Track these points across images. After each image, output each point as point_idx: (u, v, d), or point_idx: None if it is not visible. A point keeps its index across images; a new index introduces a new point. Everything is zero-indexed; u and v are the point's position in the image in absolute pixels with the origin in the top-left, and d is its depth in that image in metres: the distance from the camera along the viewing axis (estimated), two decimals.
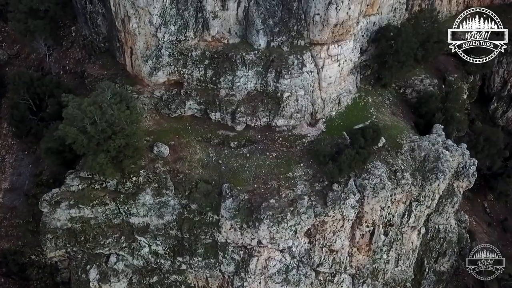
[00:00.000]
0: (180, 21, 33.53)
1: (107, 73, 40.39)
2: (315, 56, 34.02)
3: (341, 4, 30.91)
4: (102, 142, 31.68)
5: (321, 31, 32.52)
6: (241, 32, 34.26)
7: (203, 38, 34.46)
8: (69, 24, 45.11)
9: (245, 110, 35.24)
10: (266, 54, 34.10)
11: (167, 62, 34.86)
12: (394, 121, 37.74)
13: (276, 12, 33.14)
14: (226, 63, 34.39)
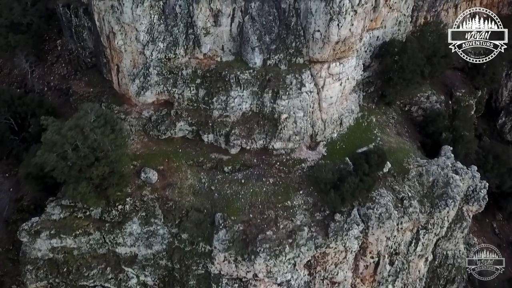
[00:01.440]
0: (169, 37, 31.11)
1: (93, 90, 37.89)
2: (315, 75, 31.61)
3: (343, 21, 28.52)
4: (84, 169, 29.15)
5: (322, 48, 30.12)
6: (235, 49, 31.84)
7: (195, 56, 32.04)
8: (55, 38, 42.69)
9: (240, 132, 32.77)
10: (262, 73, 31.68)
11: (155, 81, 32.41)
12: (399, 142, 35.29)
13: (273, 28, 30.75)
14: (219, 82, 31.96)
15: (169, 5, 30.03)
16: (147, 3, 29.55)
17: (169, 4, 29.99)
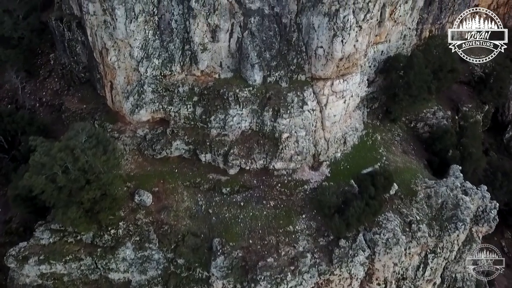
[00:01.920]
0: (164, 54, 29.69)
1: (86, 107, 36.41)
2: (318, 93, 30.15)
3: (347, 37, 27.12)
4: (74, 193, 27.54)
5: (325, 65, 28.69)
6: (234, 66, 30.42)
7: (191, 73, 30.62)
8: (47, 52, 41.32)
9: (239, 151, 31.23)
10: (262, 90, 30.24)
11: (150, 99, 30.93)
12: (406, 161, 33.75)
13: (274, 44, 29.34)
14: (218, 100, 30.49)
15: (165, 20, 28.66)
16: (141, 18, 28.18)
17: (165, 19, 28.63)
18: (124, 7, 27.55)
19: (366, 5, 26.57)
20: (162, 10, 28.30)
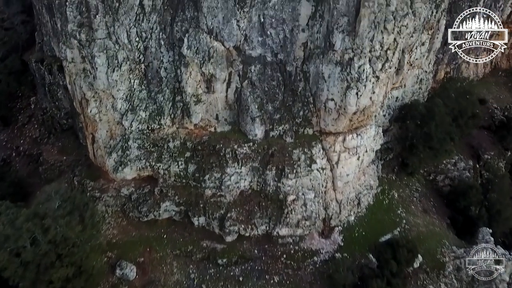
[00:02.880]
0: (152, 106, 26.01)
1: (67, 159, 32.42)
2: (328, 149, 26.32)
3: (363, 89, 23.49)
4: (43, 270, 23.24)
5: (336, 120, 24.96)
6: (232, 118, 26.73)
7: (183, 126, 26.88)
8: (28, 95, 37.69)
9: (237, 215, 27.07)
10: (264, 146, 26.43)
11: (136, 155, 27.04)
12: (428, 223, 29.55)
13: (277, 95, 25.72)
14: (213, 157, 26.59)
15: (152, 68, 25.11)
16: (125, 67, 24.62)
17: (152, 67, 25.08)
18: (105, 55, 24.03)
19: (384, 53, 23.08)
20: (149, 57, 24.79)
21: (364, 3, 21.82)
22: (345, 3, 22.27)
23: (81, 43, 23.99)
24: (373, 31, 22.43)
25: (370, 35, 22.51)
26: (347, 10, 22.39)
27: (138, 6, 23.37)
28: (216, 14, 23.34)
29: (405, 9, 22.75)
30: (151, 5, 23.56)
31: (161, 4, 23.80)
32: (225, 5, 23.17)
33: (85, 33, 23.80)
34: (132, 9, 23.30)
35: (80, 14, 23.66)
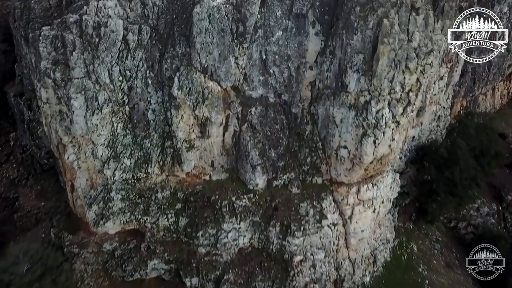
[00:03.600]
0: (138, 152, 22.71)
1: (45, 205, 29.01)
2: (340, 202, 22.93)
3: (381, 136, 20.26)
4: None
5: (350, 170, 21.65)
6: (230, 165, 23.42)
7: (174, 174, 23.56)
8: (8, 130, 34.60)
9: (236, 277, 23.42)
10: (266, 198, 23.04)
11: (119, 208, 23.56)
12: (454, 282, 25.95)
13: (281, 140, 22.50)
14: (207, 210, 23.15)
15: (138, 110, 21.93)
16: (107, 109, 21.43)
17: (138, 109, 21.91)
18: (83, 96, 20.87)
19: (405, 95, 19.95)
20: (134, 98, 21.64)
21: (383, 39, 18.81)
22: (360, 39, 19.27)
23: (56, 82, 20.85)
24: (393, 71, 19.36)
25: (390, 75, 19.44)
26: (362, 47, 19.37)
27: (121, 41, 20.34)
28: (211, 51, 20.31)
29: (429, 44, 19.74)
30: (137, 40, 20.55)
31: (148, 39, 20.80)
32: (221, 41, 20.16)
33: (61, 72, 20.68)
34: (114, 45, 20.27)
35: (55, 50, 20.59)
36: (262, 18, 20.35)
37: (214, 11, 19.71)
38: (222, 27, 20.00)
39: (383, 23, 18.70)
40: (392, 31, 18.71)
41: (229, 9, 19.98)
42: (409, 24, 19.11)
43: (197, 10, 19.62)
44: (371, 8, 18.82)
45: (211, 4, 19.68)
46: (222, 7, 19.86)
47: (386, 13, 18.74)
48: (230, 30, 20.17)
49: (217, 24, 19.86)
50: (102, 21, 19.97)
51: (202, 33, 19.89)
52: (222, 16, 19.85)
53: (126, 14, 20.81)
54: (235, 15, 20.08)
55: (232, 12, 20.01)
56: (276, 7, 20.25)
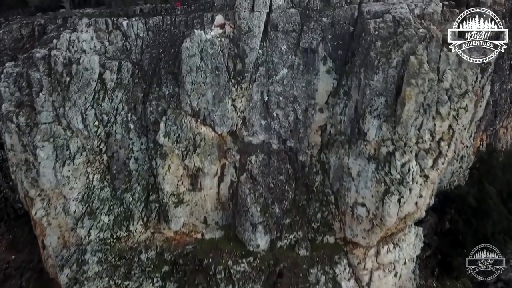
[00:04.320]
0: (118, 208, 19.23)
1: (16, 258, 25.46)
2: (356, 266, 19.38)
3: (407, 194, 16.89)
4: None
5: (369, 232, 18.16)
6: (226, 220, 19.94)
7: (160, 231, 20.08)
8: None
9: None
10: (269, 262, 19.41)
11: (96, 272, 19.90)
12: None
13: (286, 193, 19.09)
14: (199, 276, 19.50)
15: (118, 159, 18.62)
16: (80, 159, 18.10)
17: (118, 158, 18.60)
18: (52, 144, 17.57)
19: (436, 145, 16.68)
20: (113, 146, 18.37)
21: (409, 80, 15.65)
22: (382, 79, 16.13)
23: (20, 128, 17.61)
24: (421, 117, 16.15)
25: (417, 122, 16.21)
26: (384, 88, 16.22)
27: (97, 80, 17.19)
28: (204, 92, 17.16)
29: (463, 85, 16.58)
30: (115, 79, 17.40)
31: (129, 77, 17.66)
32: (215, 80, 17.03)
33: (25, 116, 17.46)
34: (88, 85, 17.10)
35: (20, 90, 17.45)
36: (264, 54, 17.27)
37: (207, 46, 16.64)
38: (217, 64, 16.88)
39: (410, 61, 15.58)
40: (420, 70, 15.58)
41: (224, 43, 16.92)
42: (440, 61, 16.00)
43: (187, 44, 16.53)
44: (394, 43, 15.75)
45: (203, 37, 16.61)
46: (216, 41, 16.79)
47: (413, 49, 15.65)
48: (226, 68, 17.06)
49: (211, 61, 16.76)
50: (74, 57, 16.85)
51: (193, 71, 16.76)
52: (216, 52, 16.77)
53: (104, 48, 17.74)
54: (232, 50, 17.02)
55: (228, 47, 16.95)
56: (280, 41, 17.18)
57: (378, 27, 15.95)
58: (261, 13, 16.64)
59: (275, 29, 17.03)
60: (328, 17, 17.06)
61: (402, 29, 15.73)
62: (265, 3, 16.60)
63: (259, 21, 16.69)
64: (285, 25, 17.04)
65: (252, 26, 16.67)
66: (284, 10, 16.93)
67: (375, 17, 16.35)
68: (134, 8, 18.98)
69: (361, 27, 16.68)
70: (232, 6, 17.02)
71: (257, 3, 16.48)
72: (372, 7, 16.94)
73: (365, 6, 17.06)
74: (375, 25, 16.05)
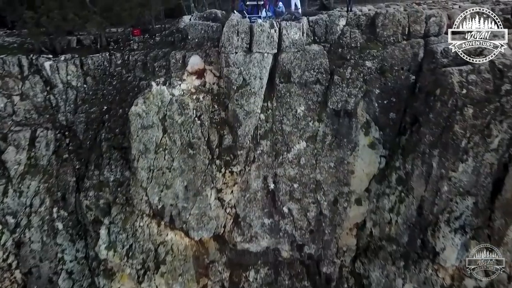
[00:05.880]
0: None
1: None
2: None
3: None
4: None
5: None
6: None
7: None
8: None
9: None
10: None
11: None
12: None
13: None
14: None
15: (40, 276, 11.79)
16: None
17: (40, 274, 11.78)
18: None
19: None
20: (29, 258, 11.55)
21: None
22: (472, 169, 9.43)
23: None
24: None
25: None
26: (473, 183, 9.53)
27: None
28: (170, 182, 10.42)
29: None
30: (26, 160, 10.74)
31: (51, 154, 10.98)
32: (189, 163, 10.25)
33: None
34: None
35: None
36: (269, 120, 10.57)
37: (173, 110, 9.96)
38: (191, 138, 10.21)
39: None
40: None
41: (204, 103, 10.25)
42: None
43: (138, 108, 9.82)
44: (497, 111, 9.11)
45: (166, 95, 9.92)
46: (189, 101, 10.08)
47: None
48: (206, 144, 10.38)
49: (180, 135, 10.10)
50: None
51: (149, 151, 10.09)
52: (189, 119, 10.10)
53: (11, 107, 11.11)
54: (217, 114, 10.35)
55: (210, 110, 10.27)
56: (296, 99, 10.48)
57: (467, 81, 9.31)
58: (264, 54, 9.98)
59: (287, 80, 10.38)
60: (375, 59, 10.43)
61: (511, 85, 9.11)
62: (271, 39, 9.91)
63: (261, 67, 10.02)
64: (303, 73, 10.40)
65: (250, 76, 10.03)
66: (302, 49, 10.29)
67: (460, 63, 9.73)
68: (66, 40, 12.35)
69: (433, 79, 10.04)
70: (216, 41, 10.38)
71: (257, 39, 9.80)
72: (450, 44, 10.30)
73: (437, 41, 10.46)
74: (461, 77, 9.41)
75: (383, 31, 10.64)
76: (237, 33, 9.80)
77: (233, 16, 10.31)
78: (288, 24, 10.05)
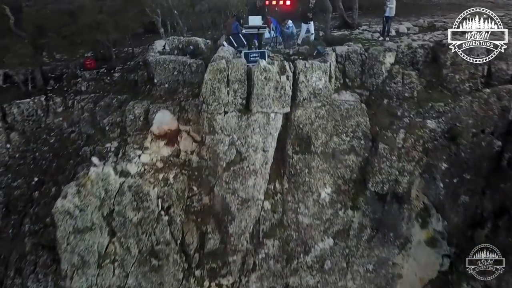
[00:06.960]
0: None
1: None
2: None
3: None
4: None
5: None
6: None
7: None
8: None
9: None
10: None
11: None
12: None
13: None
14: None
15: None
16: None
17: None
18: None
19: None
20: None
21: None
22: None
23: None
24: None
25: None
26: None
27: None
28: None
29: None
30: None
31: None
32: (151, 278, 6.77)
33: None
34: None
35: None
36: (278, 208, 6.93)
37: (123, 201, 6.30)
38: (153, 242, 6.56)
39: None
40: None
41: (176, 186, 6.61)
42: None
43: (66, 203, 6.12)
44: None
45: (112, 178, 6.30)
46: (148, 187, 6.44)
47: None
48: (178, 249, 6.74)
49: (135, 238, 6.45)
50: None
51: (90, 264, 6.43)
52: (150, 214, 6.44)
53: None
54: (197, 199, 6.70)
55: (182, 196, 6.58)
56: (317, 177, 6.85)
57: None
58: (270, 115, 6.31)
59: (305, 150, 6.70)
60: (441, 117, 6.79)
61: None
62: (282, 91, 6.21)
63: (266, 135, 6.36)
64: (330, 139, 6.70)
65: (248, 148, 6.38)
66: (328, 102, 6.61)
67: None
68: None
69: None
70: (197, 88, 6.75)
71: (259, 92, 6.13)
72: None
73: None
74: None
75: (453, 74, 7.01)
76: (227, 81, 6.16)
77: (221, 51, 6.66)
78: (308, 65, 6.42)
